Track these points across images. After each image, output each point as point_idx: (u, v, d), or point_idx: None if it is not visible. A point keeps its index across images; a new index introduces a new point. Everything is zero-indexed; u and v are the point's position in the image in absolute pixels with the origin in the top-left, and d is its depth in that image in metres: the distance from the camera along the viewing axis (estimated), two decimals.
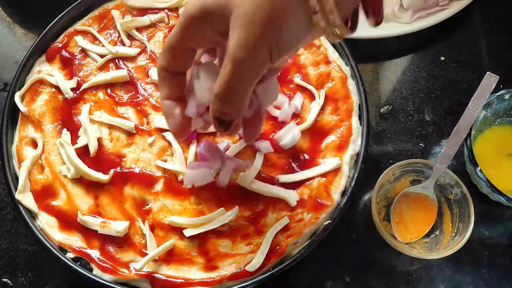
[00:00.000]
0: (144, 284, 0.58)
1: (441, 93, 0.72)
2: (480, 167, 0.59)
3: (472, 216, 0.57)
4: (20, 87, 0.68)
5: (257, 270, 0.57)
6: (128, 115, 0.66)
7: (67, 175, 0.63)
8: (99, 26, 0.72)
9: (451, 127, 0.60)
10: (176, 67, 0.45)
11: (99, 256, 0.59)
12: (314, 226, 0.59)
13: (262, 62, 0.38)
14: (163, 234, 0.60)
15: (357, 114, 0.64)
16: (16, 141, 0.66)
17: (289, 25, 0.37)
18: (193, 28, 0.41)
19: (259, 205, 0.61)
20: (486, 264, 0.63)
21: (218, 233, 0.59)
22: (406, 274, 0.63)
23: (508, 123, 0.67)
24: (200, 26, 0.40)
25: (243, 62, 0.38)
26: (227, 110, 0.41)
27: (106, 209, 0.61)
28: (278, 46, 0.38)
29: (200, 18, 0.40)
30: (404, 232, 0.61)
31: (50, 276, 0.65)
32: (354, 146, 0.62)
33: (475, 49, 0.76)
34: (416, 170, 0.62)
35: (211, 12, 0.39)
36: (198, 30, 0.41)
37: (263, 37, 0.37)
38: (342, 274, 0.63)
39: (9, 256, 0.66)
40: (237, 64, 0.38)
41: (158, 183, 0.62)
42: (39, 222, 0.61)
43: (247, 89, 0.40)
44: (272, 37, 0.37)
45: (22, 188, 0.62)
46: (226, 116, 0.42)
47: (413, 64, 0.75)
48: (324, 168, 0.61)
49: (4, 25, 0.82)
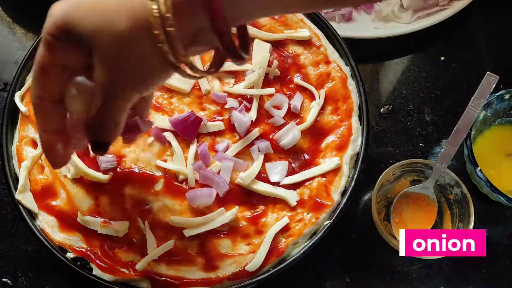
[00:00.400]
0: (144, 284, 0.58)
1: (441, 93, 0.72)
2: (480, 167, 0.60)
3: (472, 216, 0.57)
4: (20, 87, 0.68)
5: (257, 270, 0.57)
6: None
7: (67, 175, 0.63)
8: None
9: (451, 127, 0.60)
10: (53, 91, 0.40)
11: (99, 256, 0.59)
12: (314, 226, 0.59)
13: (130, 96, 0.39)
14: (163, 234, 0.60)
15: (357, 114, 0.64)
16: (16, 141, 0.66)
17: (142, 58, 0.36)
18: (58, 46, 0.37)
19: (259, 205, 0.61)
20: (486, 264, 0.63)
21: (218, 233, 0.59)
22: (406, 274, 0.63)
23: (508, 123, 0.67)
24: (63, 45, 0.37)
25: (113, 97, 0.38)
26: (103, 133, 0.42)
27: (106, 209, 0.61)
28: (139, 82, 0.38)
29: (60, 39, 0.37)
30: None
31: (50, 276, 0.65)
32: (354, 146, 0.62)
33: (475, 49, 0.76)
34: (416, 170, 0.62)
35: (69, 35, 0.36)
36: (63, 49, 0.38)
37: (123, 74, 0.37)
38: (342, 274, 0.63)
39: (9, 256, 0.66)
40: (107, 98, 0.38)
41: (158, 183, 0.62)
42: (39, 222, 0.61)
43: (121, 116, 0.41)
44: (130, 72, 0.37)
45: (22, 188, 0.62)
46: (102, 139, 0.42)
47: (413, 64, 0.75)
48: (324, 168, 0.61)
49: (4, 25, 0.82)
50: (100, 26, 0.35)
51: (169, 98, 0.67)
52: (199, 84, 0.67)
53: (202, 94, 0.66)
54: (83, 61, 0.38)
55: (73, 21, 0.36)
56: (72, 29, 0.36)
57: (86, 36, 0.36)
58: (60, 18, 0.36)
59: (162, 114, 0.65)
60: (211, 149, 0.63)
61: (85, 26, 0.36)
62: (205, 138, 0.64)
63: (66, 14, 0.36)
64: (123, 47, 0.35)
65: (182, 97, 0.67)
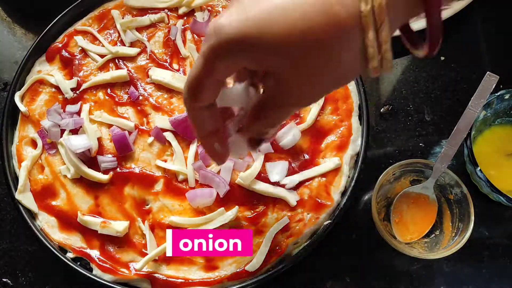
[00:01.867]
0: (144, 284, 0.58)
1: (441, 93, 0.72)
2: (480, 167, 0.59)
3: (472, 216, 0.57)
4: (20, 87, 0.68)
5: (257, 270, 0.57)
6: (128, 115, 0.66)
7: (67, 175, 0.63)
8: (99, 26, 0.72)
9: (451, 127, 0.60)
10: (208, 100, 0.40)
11: (99, 256, 0.59)
12: (314, 226, 0.59)
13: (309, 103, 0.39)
14: (163, 234, 0.60)
15: (357, 114, 0.64)
16: (16, 141, 0.66)
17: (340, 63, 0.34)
18: (224, 60, 0.36)
19: (259, 205, 0.61)
20: (486, 264, 0.63)
21: None
22: (406, 274, 0.63)
23: (508, 123, 0.67)
24: (232, 58, 0.36)
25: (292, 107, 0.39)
26: (268, 132, 0.42)
27: (106, 209, 0.61)
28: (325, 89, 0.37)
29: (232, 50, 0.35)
30: (404, 232, 0.61)
31: (50, 276, 0.65)
32: (354, 146, 0.62)
33: (475, 49, 0.75)
34: (416, 170, 0.62)
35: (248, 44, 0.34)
36: (230, 62, 0.36)
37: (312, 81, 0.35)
38: (342, 274, 0.63)
39: (9, 256, 0.66)
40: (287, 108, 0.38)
41: (158, 183, 0.62)
42: (39, 222, 0.61)
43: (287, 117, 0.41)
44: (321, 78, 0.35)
45: (22, 188, 0.62)
46: (263, 136, 0.43)
47: (413, 64, 0.75)
48: (324, 168, 0.61)
49: (4, 25, 0.82)
50: (293, 34, 0.33)
51: (169, 98, 0.67)
52: None
53: None
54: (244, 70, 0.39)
55: (253, 36, 0.33)
56: (250, 44, 0.34)
57: (271, 49, 0.34)
58: (235, 35, 0.34)
59: (162, 114, 0.66)
60: None
61: (272, 40, 0.33)
62: None
63: (241, 30, 0.34)
64: (323, 59, 0.34)
65: (182, 97, 0.66)
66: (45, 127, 0.65)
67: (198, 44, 0.69)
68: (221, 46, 0.34)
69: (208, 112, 0.41)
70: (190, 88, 0.38)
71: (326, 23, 0.32)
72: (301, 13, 0.32)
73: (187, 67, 0.68)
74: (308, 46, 0.33)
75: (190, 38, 0.70)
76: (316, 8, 0.32)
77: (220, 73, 0.37)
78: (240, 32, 0.34)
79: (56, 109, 0.65)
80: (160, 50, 0.70)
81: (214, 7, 0.72)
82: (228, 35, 0.34)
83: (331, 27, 0.32)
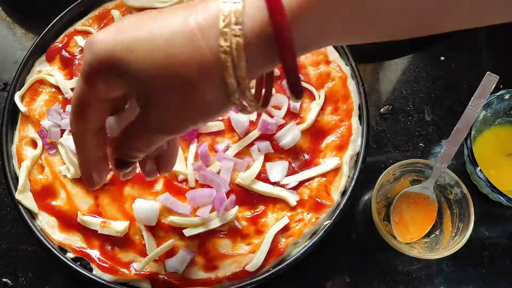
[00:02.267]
0: (144, 284, 0.58)
1: (441, 93, 0.72)
2: (480, 167, 0.59)
3: (472, 216, 0.57)
4: (20, 87, 0.68)
5: (257, 270, 0.57)
6: None
7: (67, 175, 0.63)
8: (99, 26, 0.72)
9: (451, 127, 0.60)
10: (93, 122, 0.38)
11: (99, 256, 0.59)
12: (314, 226, 0.59)
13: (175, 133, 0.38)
14: (163, 234, 0.60)
15: (357, 114, 0.64)
16: (16, 141, 0.66)
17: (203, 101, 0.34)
18: (100, 77, 0.35)
19: (259, 205, 0.61)
20: (486, 264, 0.63)
21: (218, 233, 0.59)
22: (406, 274, 0.63)
23: (508, 123, 0.67)
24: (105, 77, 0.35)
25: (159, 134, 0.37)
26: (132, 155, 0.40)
27: (106, 209, 0.61)
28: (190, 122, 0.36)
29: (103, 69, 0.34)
30: (404, 232, 0.61)
31: (50, 276, 0.65)
32: (354, 146, 0.62)
33: (475, 49, 0.75)
34: (416, 170, 0.62)
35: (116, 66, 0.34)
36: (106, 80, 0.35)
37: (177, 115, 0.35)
38: (342, 274, 0.63)
39: (9, 256, 0.66)
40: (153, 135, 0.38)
41: (158, 183, 0.62)
42: (39, 222, 0.61)
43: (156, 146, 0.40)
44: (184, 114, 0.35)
45: (22, 188, 0.62)
46: (128, 160, 0.40)
47: (413, 64, 0.75)
48: (324, 168, 0.61)
49: (4, 25, 0.82)
50: (158, 69, 0.33)
51: None
52: None
53: None
54: (123, 93, 0.37)
55: (122, 59, 0.33)
56: (119, 66, 0.34)
57: (138, 76, 0.34)
58: (104, 54, 0.34)
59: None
60: (211, 149, 0.63)
61: (138, 67, 0.33)
62: (205, 138, 0.64)
63: (111, 50, 0.33)
64: (186, 91, 0.33)
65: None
66: (45, 127, 0.65)
67: None
68: (93, 63, 0.34)
69: (94, 137, 0.39)
70: (74, 107, 0.37)
71: (190, 57, 0.32)
72: (167, 44, 0.33)
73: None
74: (171, 79, 0.33)
75: None
76: (183, 41, 0.32)
77: (102, 91, 0.36)
78: (108, 51, 0.33)
79: (56, 109, 0.65)
80: None
81: None
82: (98, 52, 0.34)
83: (194, 61, 0.32)
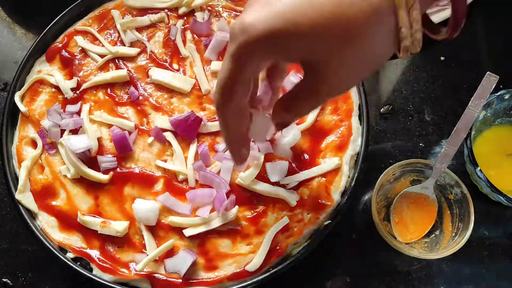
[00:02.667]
0: (144, 284, 0.58)
1: (441, 93, 0.72)
2: (480, 167, 0.59)
3: (472, 216, 0.57)
4: (20, 87, 0.68)
5: (257, 270, 0.57)
6: (128, 115, 0.66)
7: (67, 175, 0.63)
8: (99, 26, 0.72)
9: (451, 127, 0.60)
10: (240, 101, 0.39)
11: (99, 256, 0.59)
12: (314, 226, 0.59)
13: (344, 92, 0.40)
14: (163, 234, 0.60)
15: (357, 114, 0.64)
16: (16, 141, 0.66)
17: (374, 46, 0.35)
18: (255, 57, 0.35)
19: (259, 205, 0.61)
20: (486, 264, 0.63)
21: (218, 233, 0.59)
22: (406, 273, 0.63)
23: (508, 123, 0.67)
24: (263, 54, 0.35)
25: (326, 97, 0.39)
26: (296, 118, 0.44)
27: (106, 209, 0.61)
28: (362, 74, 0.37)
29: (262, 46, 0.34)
30: (404, 232, 0.61)
31: (50, 276, 0.65)
32: (354, 146, 0.62)
33: (475, 49, 0.75)
34: (416, 170, 0.62)
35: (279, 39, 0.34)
36: (261, 58, 0.36)
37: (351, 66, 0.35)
38: (342, 274, 0.63)
39: (9, 256, 0.66)
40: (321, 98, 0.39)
41: (158, 183, 0.62)
42: (39, 222, 0.61)
43: None
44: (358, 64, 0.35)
45: (22, 188, 0.62)
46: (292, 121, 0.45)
47: (413, 64, 0.75)
48: (324, 168, 0.61)
49: (4, 25, 0.82)
50: (324, 23, 0.33)
51: (169, 98, 0.67)
52: (199, 84, 0.67)
53: (202, 94, 0.66)
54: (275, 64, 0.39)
55: (286, 29, 0.33)
56: (282, 37, 0.33)
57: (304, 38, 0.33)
58: (267, 31, 0.33)
59: (162, 114, 0.66)
60: (211, 149, 0.63)
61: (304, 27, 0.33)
62: (205, 138, 0.64)
63: (269, 25, 0.33)
64: (355, 38, 0.33)
65: (182, 97, 0.67)
66: (45, 127, 0.65)
67: (198, 44, 0.69)
68: (250, 44, 0.34)
69: (240, 114, 0.40)
70: (222, 89, 0.38)
71: (359, 7, 0.32)
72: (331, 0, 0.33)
73: (187, 67, 0.68)
74: (341, 32, 0.33)
75: (190, 38, 0.70)
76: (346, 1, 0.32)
77: (251, 71, 0.37)
78: (270, 27, 0.33)
79: (56, 109, 0.65)
80: (160, 50, 0.70)
81: (214, 7, 0.72)
82: (258, 32, 0.34)
83: (364, 10, 0.32)
